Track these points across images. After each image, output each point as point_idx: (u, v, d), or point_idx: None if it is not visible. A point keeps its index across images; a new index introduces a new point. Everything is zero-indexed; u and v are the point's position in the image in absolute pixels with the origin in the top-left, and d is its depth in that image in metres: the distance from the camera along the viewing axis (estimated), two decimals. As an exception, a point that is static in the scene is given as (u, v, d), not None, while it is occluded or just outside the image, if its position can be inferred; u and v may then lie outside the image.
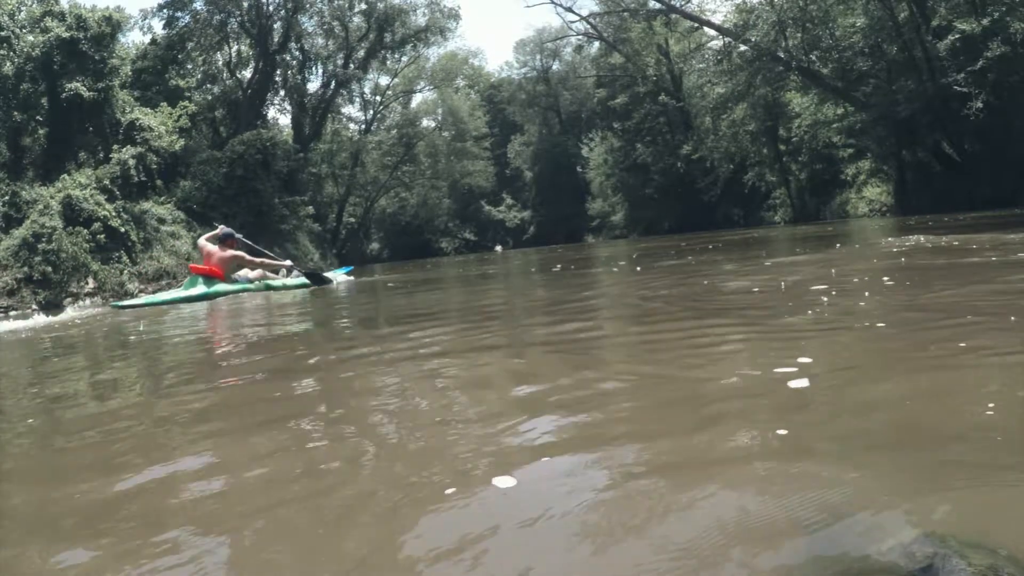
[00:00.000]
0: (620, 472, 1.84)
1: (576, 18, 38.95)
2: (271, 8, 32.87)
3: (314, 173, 37.30)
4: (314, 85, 38.55)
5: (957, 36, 17.35)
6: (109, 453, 2.34)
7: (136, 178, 20.55)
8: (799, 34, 22.84)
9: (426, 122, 50.72)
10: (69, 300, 17.25)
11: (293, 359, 4.22)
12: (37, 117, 22.58)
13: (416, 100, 51.04)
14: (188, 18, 30.50)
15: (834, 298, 4.26)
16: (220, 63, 33.88)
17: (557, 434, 2.13)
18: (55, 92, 21.52)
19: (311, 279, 11.81)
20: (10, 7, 21.35)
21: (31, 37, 21.40)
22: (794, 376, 2.35)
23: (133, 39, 34.47)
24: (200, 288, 10.32)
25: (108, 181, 19.59)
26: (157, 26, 30.27)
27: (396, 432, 2.41)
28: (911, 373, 2.43)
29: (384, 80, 45.56)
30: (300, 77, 36.98)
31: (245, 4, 31.79)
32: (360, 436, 2.41)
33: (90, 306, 13.42)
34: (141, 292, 18.54)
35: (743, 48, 25.11)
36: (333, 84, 37.78)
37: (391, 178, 46.87)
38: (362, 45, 38.32)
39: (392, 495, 1.81)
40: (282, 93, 36.84)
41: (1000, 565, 1.15)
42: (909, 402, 2.15)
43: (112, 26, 22.19)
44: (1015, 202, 15.68)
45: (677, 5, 30.20)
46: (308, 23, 36.12)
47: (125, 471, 2.09)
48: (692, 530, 1.47)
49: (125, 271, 18.78)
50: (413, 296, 9.30)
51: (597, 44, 42.01)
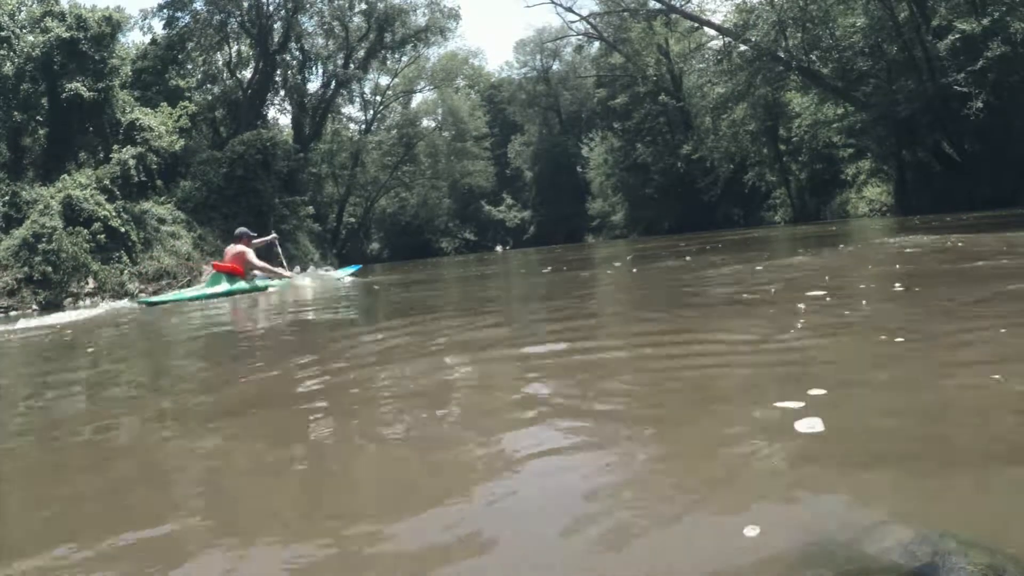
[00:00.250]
0: (620, 474, 1.84)
1: (576, 18, 39.01)
2: (271, 8, 32.89)
3: (314, 173, 37.29)
4: (314, 85, 38.62)
5: (957, 36, 17.34)
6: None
7: (136, 178, 20.54)
8: (799, 34, 22.82)
9: (426, 122, 50.75)
10: (69, 300, 17.25)
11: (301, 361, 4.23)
12: (37, 117, 22.57)
13: (416, 100, 51.12)
14: (188, 18, 30.51)
15: (843, 305, 4.07)
16: (220, 63, 33.87)
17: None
18: (55, 92, 21.50)
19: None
20: (10, 7, 21.34)
21: (31, 37, 21.39)
22: (803, 414, 2.05)
23: (133, 39, 34.50)
24: (224, 286, 10.88)
25: (108, 181, 19.58)
26: (157, 26, 30.32)
27: (403, 428, 2.42)
28: (932, 390, 2.26)
29: (384, 80, 45.62)
30: (300, 77, 36.99)
31: (245, 4, 31.78)
32: (362, 436, 2.42)
33: (111, 303, 13.74)
34: (141, 292, 18.54)
35: (743, 48, 25.09)
36: (333, 84, 37.78)
37: (391, 178, 46.85)
38: (362, 45, 38.31)
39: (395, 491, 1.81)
40: (282, 93, 36.87)
41: (1000, 564, 1.14)
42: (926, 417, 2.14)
43: (112, 26, 22.18)
44: (1015, 202, 15.66)
45: (677, 5, 30.18)
46: (308, 23, 36.15)
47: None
48: (693, 530, 1.47)
49: (125, 271, 18.76)
50: (412, 292, 9.34)
51: (597, 44, 41.99)
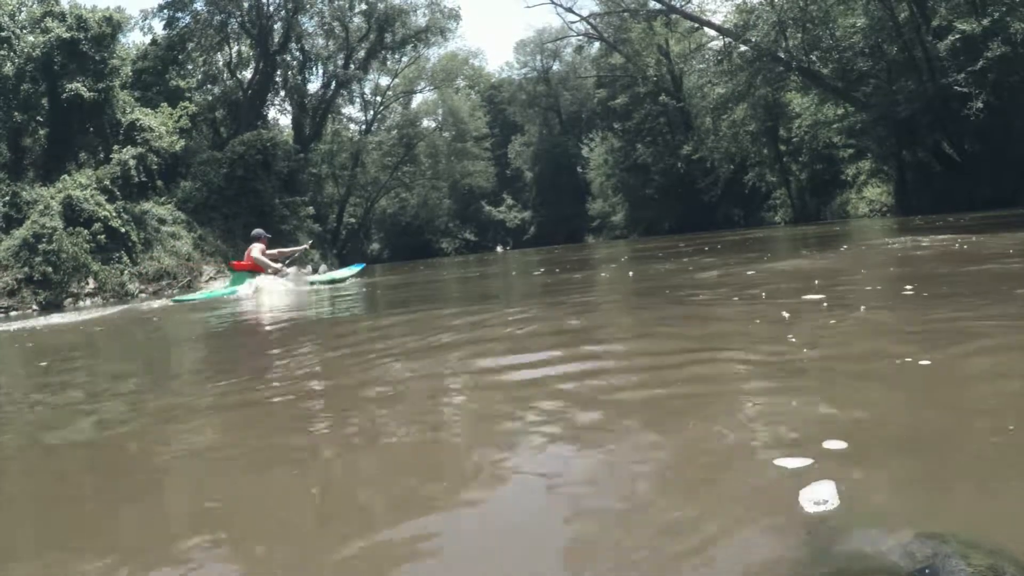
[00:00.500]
0: (620, 476, 1.84)
1: (576, 18, 38.97)
2: (271, 8, 32.90)
3: (314, 173, 37.27)
4: (314, 85, 38.62)
5: (957, 36, 17.32)
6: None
7: (136, 178, 20.55)
8: (799, 34, 22.80)
9: (426, 122, 50.71)
10: (69, 300, 17.25)
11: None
12: (37, 117, 22.57)
13: (416, 100, 51.09)
14: (188, 19, 30.53)
15: (851, 313, 3.81)
16: (220, 63, 33.88)
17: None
18: (55, 92, 21.51)
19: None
20: (10, 7, 21.35)
21: (31, 37, 21.39)
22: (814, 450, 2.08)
23: (133, 39, 34.43)
24: (247, 283, 11.85)
25: (108, 181, 19.58)
26: (157, 26, 30.34)
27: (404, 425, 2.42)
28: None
29: (384, 80, 45.60)
30: (300, 77, 37.00)
31: (245, 4, 31.79)
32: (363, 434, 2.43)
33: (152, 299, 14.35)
34: (141, 292, 18.55)
35: (743, 48, 25.07)
36: (333, 84, 37.77)
37: (391, 178, 46.83)
38: (362, 45, 38.30)
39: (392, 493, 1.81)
40: (282, 93, 36.88)
41: (1000, 565, 1.14)
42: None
43: (112, 26, 22.18)
44: (1015, 202, 15.65)
45: (677, 5, 30.16)
46: (308, 23, 36.15)
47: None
48: (694, 530, 1.47)
49: (125, 271, 18.77)
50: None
51: (597, 44, 41.95)
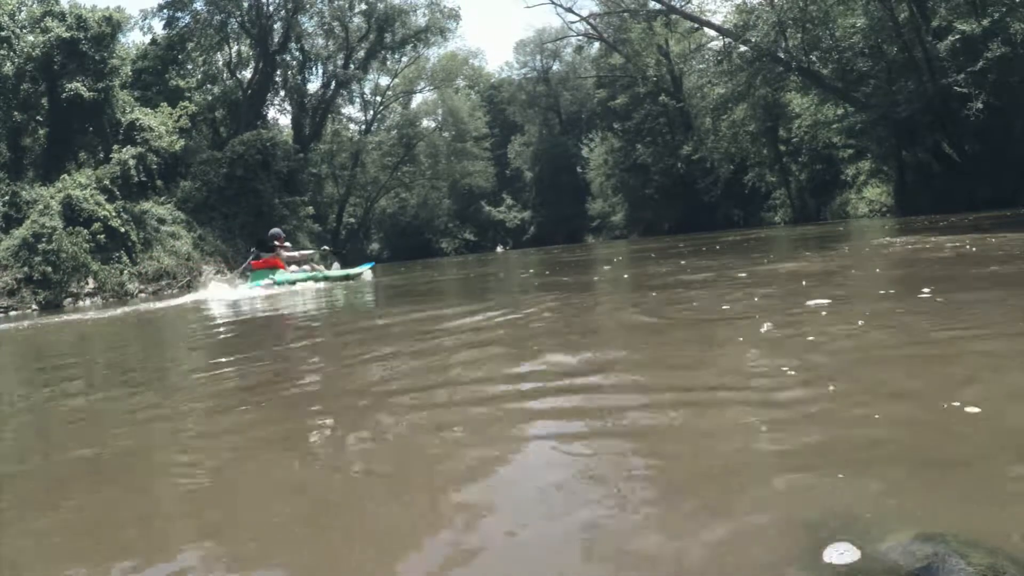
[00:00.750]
0: (619, 478, 1.84)
1: (576, 18, 39.04)
2: (271, 8, 32.91)
3: (314, 173, 37.28)
4: (314, 85, 38.64)
5: (957, 36, 17.31)
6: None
7: (136, 178, 20.55)
8: (799, 34, 22.80)
9: (426, 122, 50.72)
10: (69, 300, 17.25)
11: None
12: (37, 117, 22.57)
13: (416, 100, 51.12)
14: (188, 18, 30.55)
15: (871, 325, 3.39)
16: (220, 63, 33.88)
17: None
18: (55, 92, 21.51)
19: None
20: (10, 7, 21.34)
21: (31, 37, 21.39)
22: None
23: (133, 39, 34.52)
24: (270, 279, 12.58)
25: (108, 181, 19.58)
26: (157, 26, 30.37)
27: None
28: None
29: (384, 80, 45.64)
30: (300, 77, 37.01)
31: (245, 4, 31.79)
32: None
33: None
34: (141, 292, 18.54)
35: (743, 49, 25.07)
36: (333, 84, 37.78)
37: (391, 178, 46.84)
38: (362, 45, 38.30)
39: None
40: (282, 93, 36.90)
41: (1000, 565, 1.14)
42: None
43: (112, 26, 22.18)
44: (1015, 202, 15.63)
45: (677, 5, 30.16)
46: (308, 23, 36.17)
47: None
48: (695, 531, 1.47)
49: (125, 271, 18.77)
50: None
51: (597, 44, 41.94)
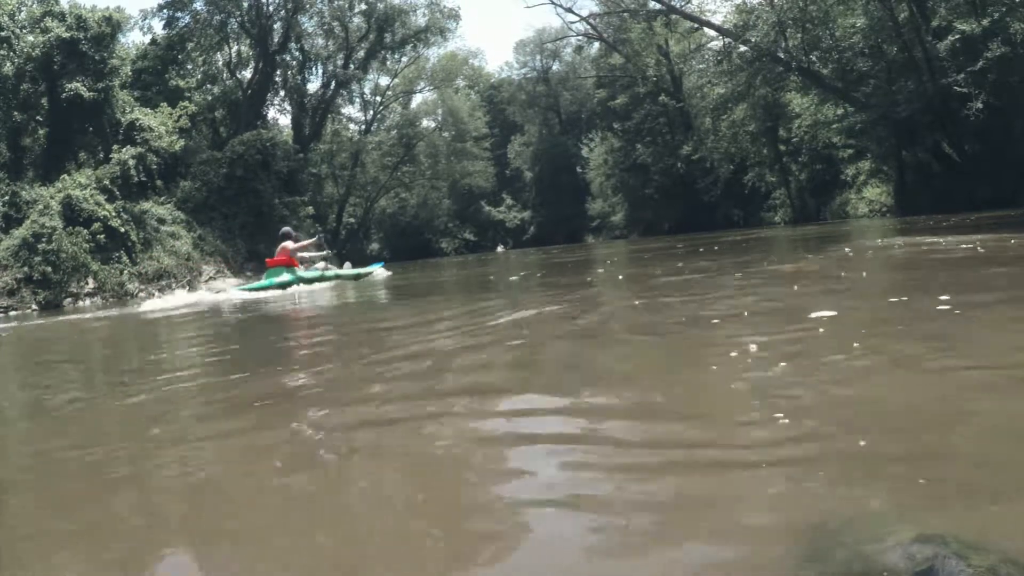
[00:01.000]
0: (618, 478, 1.84)
1: (576, 18, 38.98)
2: (271, 8, 32.90)
3: (314, 173, 37.28)
4: (314, 85, 38.63)
5: (957, 36, 17.30)
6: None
7: (136, 178, 20.54)
8: (799, 34, 22.80)
9: (426, 122, 50.72)
10: (69, 300, 17.25)
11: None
12: (37, 117, 22.57)
13: (416, 100, 51.11)
14: (188, 18, 30.54)
15: (875, 339, 3.01)
16: (220, 63, 33.88)
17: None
18: (55, 92, 21.50)
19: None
20: (10, 7, 21.33)
21: (31, 37, 21.38)
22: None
23: (133, 39, 34.49)
24: (286, 276, 12.52)
25: (108, 181, 19.57)
26: (157, 26, 30.36)
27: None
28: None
29: (384, 80, 45.63)
30: (300, 77, 37.00)
31: (245, 4, 31.79)
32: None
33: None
34: (141, 292, 18.53)
35: (743, 48, 25.06)
36: (333, 84, 37.77)
37: (391, 178, 46.84)
38: (362, 45, 38.30)
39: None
40: (282, 93, 36.88)
41: (1000, 566, 1.14)
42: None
43: (112, 26, 22.17)
44: (1015, 202, 15.62)
45: (677, 5, 30.15)
46: (308, 23, 36.16)
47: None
48: (696, 530, 1.47)
49: (125, 271, 18.76)
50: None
51: (597, 44, 41.92)
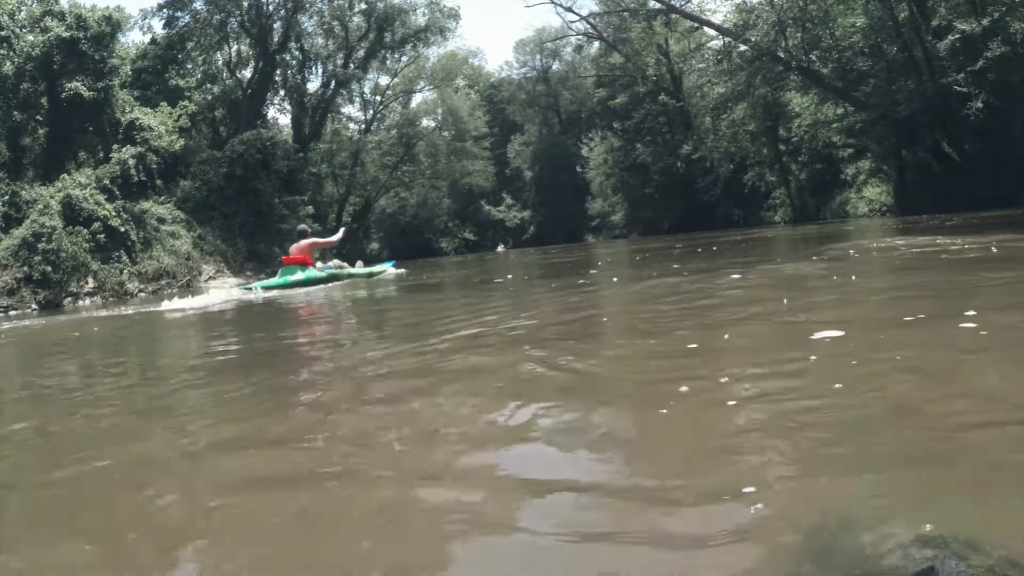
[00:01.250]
0: (618, 479, 1.84)
1: (576, 18, 38.85)
2: (271, 8, 32.88)
3: (314, 173, 37.27)
4: (314, 85, 38.60)
5: (957, 36, 17.29)
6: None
7: (136, 178, 20.53)
8: (799, 34, 22.78)
9: (426, 122, 50.67)
10: (69, 300, 17.24)
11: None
12: (37, 117, 22.55)
13: (416, 100, 51.06)
14: (188, 18, 30.52)
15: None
16: (220, 63, 33.86)
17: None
18: (55, 92, 21.49)
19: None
20: (10, 7, 21.32)
21: (31, 37, 21.36)
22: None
23: (133, 39, 34.50)
24: (299, 275, 12.70)
25: (108, 181, 19.57)
26: (157, 26, 30.35)
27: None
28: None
29: (384, 80, 45.58)
30: (300, 77, 36.97)
31: (245, 4, 31.77)
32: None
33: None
34: (141, 292, 18.53)
35: (743, 48, 25.04)
36: (333, 84, 37.75)
37: (391, 178, 46.81)
38: (362, 45, 38.28)
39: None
40: (282, 93, 36.85)
41: (999, 567, 1.14)
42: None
43: (112, 26, 22.16)
44: (1015, 202, 15.61)
45: (677, 5, 30.13)
46: (308, 23, 36.15)
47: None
48: (696, 531, 1.47)
49: (125, 271, 18.76)
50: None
51: (597, 44, 41.90)
